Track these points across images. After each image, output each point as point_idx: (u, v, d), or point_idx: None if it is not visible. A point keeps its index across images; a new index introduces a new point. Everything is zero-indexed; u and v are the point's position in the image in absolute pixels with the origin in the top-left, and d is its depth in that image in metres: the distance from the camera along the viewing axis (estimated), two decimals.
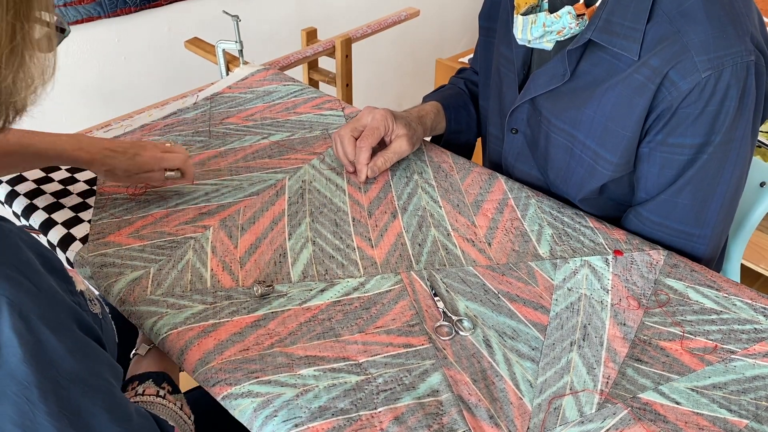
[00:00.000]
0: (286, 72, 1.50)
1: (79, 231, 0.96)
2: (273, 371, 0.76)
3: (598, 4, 0.93)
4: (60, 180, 1.07)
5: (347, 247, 0.95)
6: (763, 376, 0.78)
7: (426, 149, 1.17)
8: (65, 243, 0.95)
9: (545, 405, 0.75)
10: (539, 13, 0.95)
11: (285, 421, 0.71)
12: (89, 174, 1.08)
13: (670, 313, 0.86)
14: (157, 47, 2.01)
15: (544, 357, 0.80)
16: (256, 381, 0.75)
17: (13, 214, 1.04)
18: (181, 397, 0.79)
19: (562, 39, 0.96)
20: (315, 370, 0.77)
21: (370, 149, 1.06)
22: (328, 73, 1.74)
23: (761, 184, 1.23)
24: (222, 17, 1.49)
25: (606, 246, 0.96)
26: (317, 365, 0.77)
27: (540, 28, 0.94)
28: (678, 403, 0.75)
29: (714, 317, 0.85)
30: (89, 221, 0.98)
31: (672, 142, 0.92)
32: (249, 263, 0.91)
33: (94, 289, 0.81)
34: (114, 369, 0.64)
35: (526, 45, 1.00)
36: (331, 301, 0.86)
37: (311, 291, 0.87)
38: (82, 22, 1.81)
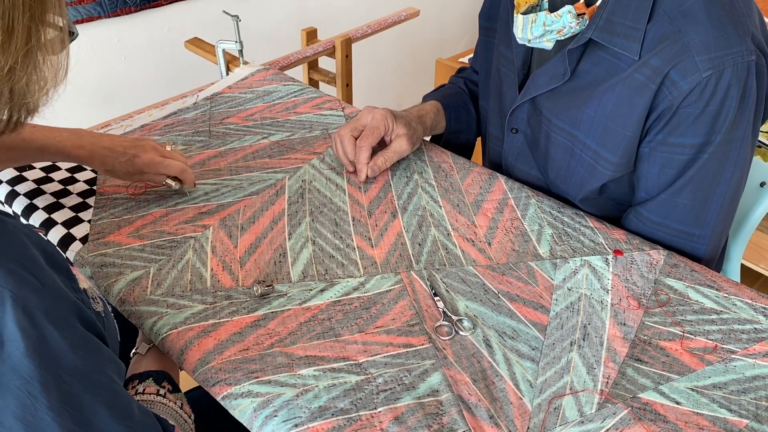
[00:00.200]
0: (286, 72, 1.50)
1: (79, 231, 0.96)
2: (273, 371, 0.76)
3: (598, 3, 0.93)
4: (60, 180, 1.07)
5: (347, 247, 0.95)
6: (763, 376, 0.78)
7: (426, 149, 1.17)
8: (65, 243, 0.95)
9: (545, 405, 0.75)
10: (539, 12, 0.95)
11: (285, 421, 0.71)
12: (89, 174, 1.08)
13: (670, 313, 0.86)
14: (157, 47, 2.01)
15: (544, 357, 0.80)
16: (256, 381, 0.75)
17: (13, 214, 1.04)
18: (182, 396, 0.79)
19: (562, 38, 0.96)
20: (315, 370, 0.76)
21: (370, 149, 1.06)
22: (328, 73, 1.74)
23: (761, 184, 1.23)
24: (222, 17, 1.49)
25: (606, 246, 0.96)
26: (317, 365, 0.77)
27: (540, 27, 0.94)
28: (678, 403, 0.75)
29: (714, 317, 0.85)
30: (89, 221, 0.98)
31: (672, 141, 0.92)
32: (249, 263, 0.91)
33: (96, 289, 0.81)
34: (117, 366, 0.64)
35: (526, 44, 1.00)
36: (331, 301, 0.86)
37: (311, 291, 0.87)
38: (82, 22, 1.81)
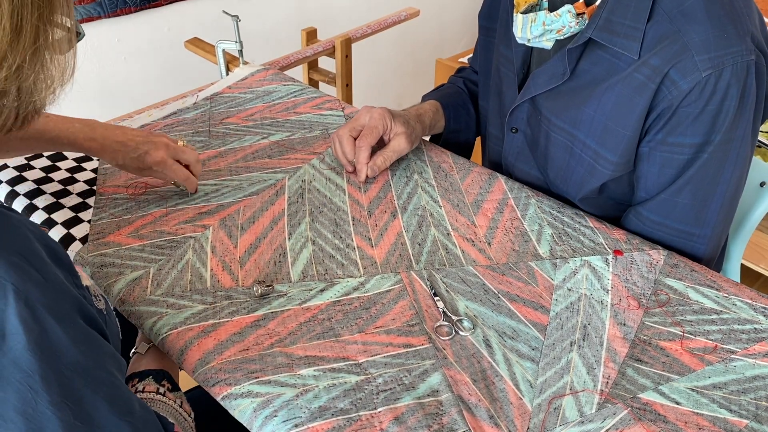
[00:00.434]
0: (286, 72, 1.50)
1: (79, 231, 0.96)
2: (273, 371, 0.76)
3: (598, 3, 0.93)
4: (60, 180, 1.07)
5: (347, 247, 0.95)
6: (763, 376, 0.78)
7: (426, 149, 1.17)
8: (65, 243, 0.95)
9: (545, 405, 0.75)
10: (539, 12, 0.95)
11: (285, 421, 0.71)
12: (89, 174, 1.08)
13: (670, 313, 0.86)
14: (157, 47, 2.01)
15: (544, 357, 0.80)
16: (255, 381, 0.75)
17: None
18: (181, 395, 0.79)
19: (561, 38, 0.96)
20: (315, 370, 0.76)
21: (369, 148, 1.06)
22: (328, 73, 1.74)
23: (761, 184, 1.23)
24: (222, 17, 1.49)
25: (606, 246, 0.96)
26: (317, 365, 0.77)
27: (539, 26, 0.94)
28: (678, 403, 0.75)
29: (714, 317, 0.85)
30: (89, 221, 0.98)
31: (672, 141, 0.92)
32: (249, 263, 0.91)
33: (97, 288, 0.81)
34: (118, 362, 0.64)
35: (525, 44, 1.00)
36: (331, 301, 0.86)
37: (311, 291, 0.87)
38: (82, 22, 1.81)
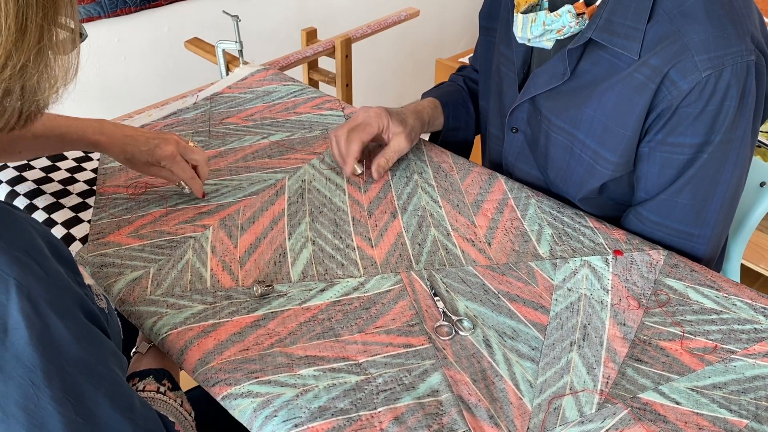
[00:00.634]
0: (286, 72, 1.50)
1: (79, 231, 0.96)
2: (273, 371, 0.76)
3: (598, 3, 0.93)
4: (60, 180, 1.07)
5: (347, 247, 0.95)
6: (763, 376, 0.78)
7: (426, 149, 1.17)
8: (65, 243, 0.94)
9: (545, 405, 0.75)
10: (539, 12, 0.95)
11: (285, 421, 0.71)
12: (89, 174, 1.08)
13: (670, 313, 0.86)
14: (157, 47, 2.01)
15: (544, 357, 0.80)
16: (255, 381, 0.75)
17: None
18: (182, 394, 0.79)
19: (561, 38, 0.96)
20: (315, 370, 0.76)
21: (359, 143, 1.07)
22: (328, 73, 1.74)
23: (761, 184, 1.23)
24: (222, 17, 1.49)
25: (606, 246, 0.96)
26: (317, 365, 0.77)
27: (540, 26, 0.94)
28: (678, 403, 0.75)
29: (714, 317, 0.85)
30: (89, 221, 0.98)
31: (672, 141, 0.92)
32: (249, 263, 0.91)
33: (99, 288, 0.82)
34: (119, 359, 0.64)
35: (525, 44, 1.00)
36: (331, 301, 0.86)
37: (311, 291, 0.87)
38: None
